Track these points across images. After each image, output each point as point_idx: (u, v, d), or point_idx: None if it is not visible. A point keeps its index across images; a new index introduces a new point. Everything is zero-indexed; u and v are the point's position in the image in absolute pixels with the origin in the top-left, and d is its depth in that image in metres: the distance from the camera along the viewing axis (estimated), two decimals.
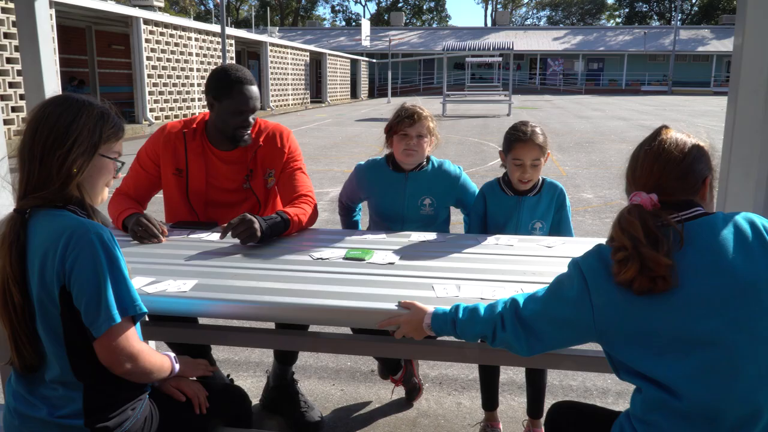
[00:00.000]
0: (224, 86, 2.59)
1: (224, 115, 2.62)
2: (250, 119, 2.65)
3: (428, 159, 2.82)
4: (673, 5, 67.36)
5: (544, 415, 2.72)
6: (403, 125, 2.67)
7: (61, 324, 1.51)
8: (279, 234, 2.48)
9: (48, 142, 1.53)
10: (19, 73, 12.83)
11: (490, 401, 2.73)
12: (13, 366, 1.60)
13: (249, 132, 2.67)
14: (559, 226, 2.69)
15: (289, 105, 30.86)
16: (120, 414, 1.58)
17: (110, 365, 1.51)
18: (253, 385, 3.19)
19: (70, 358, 1.52)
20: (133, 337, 1.53)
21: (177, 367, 1.74)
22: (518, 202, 2.65)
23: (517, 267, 2.16)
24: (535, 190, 2.66)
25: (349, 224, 3.07)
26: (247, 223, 2.31)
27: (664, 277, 1.32)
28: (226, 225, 2.34)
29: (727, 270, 1.33)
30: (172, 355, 1.74)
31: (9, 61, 12.90)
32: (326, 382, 3.27)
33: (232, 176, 2.75)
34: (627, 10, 75.91)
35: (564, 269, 2.09)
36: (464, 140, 15.20)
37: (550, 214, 2.68)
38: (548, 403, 2.90)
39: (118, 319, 1.48)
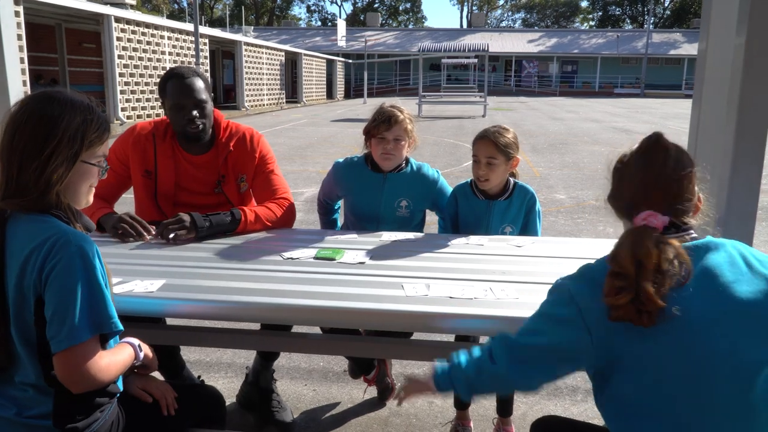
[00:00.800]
0: (162, 86, 2.60)
1: (170, 115, 2.62)
2: (194, 113, 2.57)
3: (407, 161, 2.83)
4: (645, 9, 68.39)
5: (513, 413, 2.75)
6: (380, 129, 2.67)
7: (35, 331, 1.47)
8: (229, 230, 2.52)
9: (26, 150, 1.47)
10: None
11: (461, 400, 2.74)
12: None
13: (200, 125, 2.60)
14: (526, 228, 2.72)
15: (264, 105, 30.69)
16: (89, 416, 1.56)
17: (67, 383, 1.44)
18: (225, 386, 3.16)
19: (43, 365, 1.48)
20: (97, 357, 1.44)
21: (141, 354, 1.68)
22: (489, 206, 2.68)
23: (486, 266, 2.18)
24: (506, 194, 2.68)
25: (328, 223, 3.05)
26: (178, 220, 2.41)
27: (650, 314, 1.27)
28: (160, 224, 2.42)
29: (726, 296, 1.30)
30: (136, 342, 1.66)
31: None
32: (298, 383, 3.26)
33: (203, 180, 2.73)
34: (600, 13, 76.92)
35: (533, 267, 2.12)
36: (440, 141, 15.25)
37: (520, 217, 2.71)
38: (518, 402, 2.94)
39: (84, 338, 1.41)
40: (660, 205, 1.36)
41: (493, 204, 2.67)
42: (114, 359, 1.52)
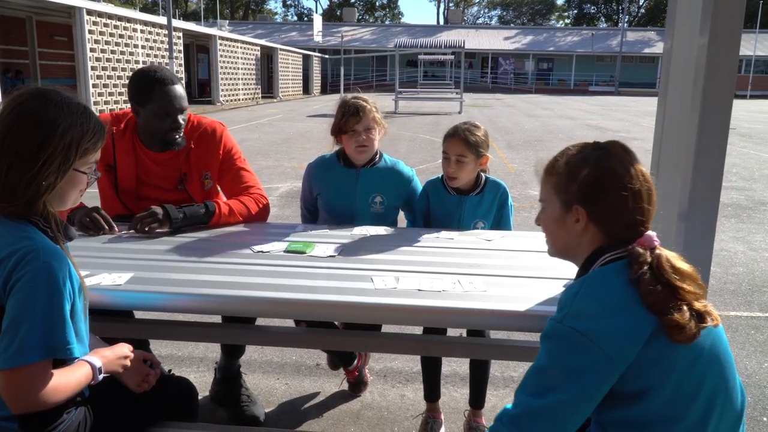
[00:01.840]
0: (145, 90, 2.49)
1: (151, 120, 2.52)
2: (180, 120, 2.55)
3: (381, 156, 2.82)
4: (620, 7, 69.16)
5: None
6: (351, 123, 2.65)
7: None
8: (202, 222, 2.51)
9: (19, 153, 1.42)
10: None
11: (432, 392, 2.77)
12: None
13: (181, 134, 2.59)
14: (499, 224, 2.74)
15: (239, 100, 30.45)
16: (55, 419, 1.54)
17: (8, 403, 1.39)
18: (197, 381, 3.12)
19: None
20: (43, 380, 1.38)
21: (100, 377, 1.58)
22: (460, 201, 2.68)
23: (456, 260, 2.20)
24: (477, 189, 2.70)
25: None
26: (151, 213, 2.40)
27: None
28: (134, 218, 2.40)
29: None
30: (98, 364, 1.55)
31: None
32: (270, 377, 3.26)
33: (165, 176, 2.69)
34: (576, 11, 77.64)
35: (502, 261, 2.14)
36: (416, 137, 15.29)
37: (492, 212, 2.72)
38: (490, 393, 2.97)
39: (33, 359, 1.36)
40: (637, 223, 1.41)
41: (464, 199, 2.68)
42: (65, 380, 1.45)
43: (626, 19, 59.82)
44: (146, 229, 2.38)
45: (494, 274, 2.04)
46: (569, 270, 2.10)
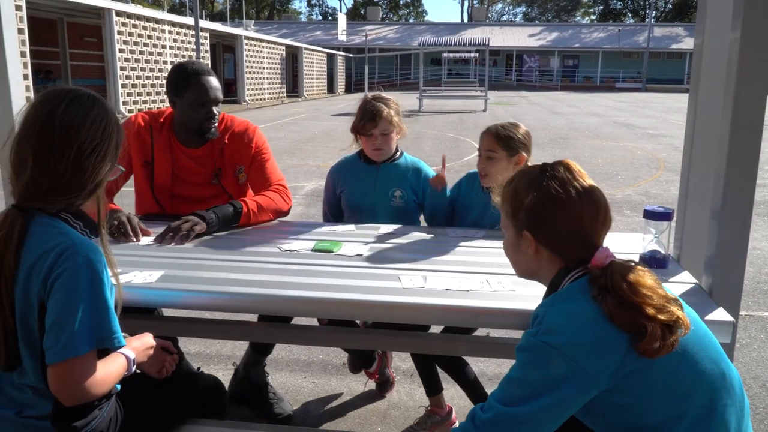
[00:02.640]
0: (182, 80, 2.58)
1: (187, 110, 2.61)
2: (214, 110, 2.63)
3: (401, 153, 2.86)
4: (647, 3, 68.18)
5: None
6: (367, 127, 2.71)
7: (39, 337, 1.45)
8: (233, 221, 2.52)
9: (84, 147, 1.46)
10: None
11: (432, 387, 2.74)
12: None
13: (215, 124, 2.67)
14: None
15: (265, 99, 30.66)
16: (87, 415, 1.56)
17: (59, 396, 1.42)
18: (224, 379, 3.16)
19: (44, 371, 1.46)
20: (92, 371, 1.42)
21: (133, 368, 1.61)
22: (489, 202, 2.65)
23: (484, 259, 2.19)
24: None
25: None
26: (186, 219, 2.38)
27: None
28: (164, 230, 2.36)
29: None
30: (132, 356, 1.59)
31: None
32: (298, 375, 3.28)
33: (199, 172, 2.76)
34: (602, 7, 76.72)
35: None
36: (440, 135, 15.24)
37: None
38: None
39: (82, 351, 1.38)
40: (594, 237, 1.43)
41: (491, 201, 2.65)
42: (108, 371, 1.48)
43: (653, 15, 58.93)
44: (184, 233, 2.35)
45: None
46: None
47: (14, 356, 1.49)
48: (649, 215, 2.13)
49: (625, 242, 2.44)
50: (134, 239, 2.35)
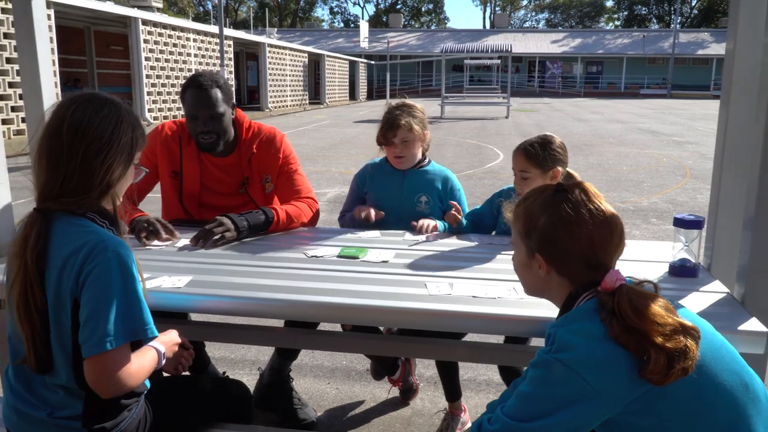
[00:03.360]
0: (182, 92, 2.61)
1: (186, 122, 2.65)
2: (206, 123, 2.57)
3: (429, 161, 2.88)
4: (672, 8, 67.49)
5: None
6: (388, 137, 2.75)
7: (70, 336, 1.48)
8: (262, 228, 2.52)
9: (92, 147, 1.48)
10: (18, 73, 12.81)
11: (452, 393, 2.76)
12: (12, 365, 1.59)
13: (212, 137, 2.60)
14: None
15: (287, 106, 30.87)
16: (116, 416, 1.58)
17: (96, 389, 1.44)
18: (249, 383, 3.17)
19: (75, 370, 1.50)
20: (127, 363, 1.45)
21: (163, 362, 1.65)
22: None
23: (511, 266, 2.16)
24: None
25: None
26: (220, 223, 2.39)
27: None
28: (198, 231, 2.37)
29: None
30: (162, 349, 1.63)
31: (9, 61, 12.92)
32: (322, 381, 3.28)
33: (227, 182, 2.77)
34: (626, 13, 76.12)
35: None
36: (462, 142, 15.21)
37: None
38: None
39: (117, 344, 1.41)
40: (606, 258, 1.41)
41: None
42: (142, 363, 1.51)
43: (679, 20, 58.30)
44: (216, 237, 2.36)
45: None
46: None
47: (44, 359, 1.51)
48: (680, 223, 2.10)
49: (654, 251, 2.41)
50: (166, 238, 2.39)
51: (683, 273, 2.09)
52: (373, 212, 2.70)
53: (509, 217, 1.56)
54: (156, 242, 2.38)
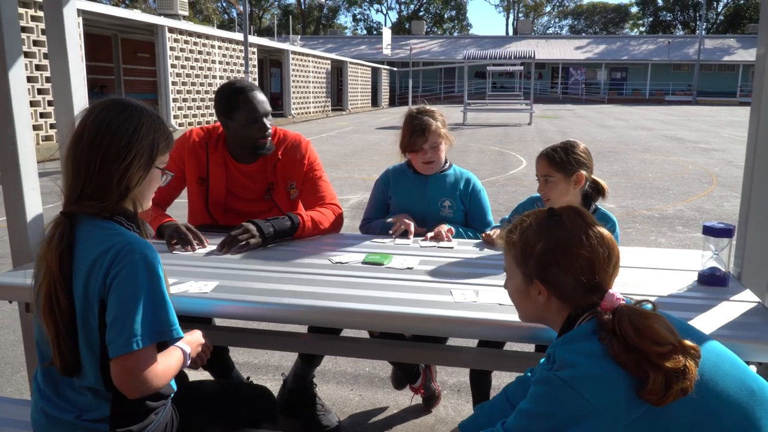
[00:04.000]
0: (231, 102, 2.61)
1: (241, 129, 2.64)
2: (267, 124, 2.65)
3: (450, 164, 2.88)
4: (697, 14, 66.69)
5: None
6: (418, 143, 2.73)
7: (98, 337, 1.49)
8: (288, 234, 2.53)
9: (110, 152, 1.50)
10: (47, 80, 13.07)
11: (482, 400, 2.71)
12: (41, 367, 1.61)
13: (270, 139, 2.69)
14: None
15: (310, 113, 31.05)
16: (144, 419, 1.59)
17: (123, 389, 1.45)
18: (273, 389, 3.19)
19: (103, 371, 1.51)
20: (153, 363, 1.46)
21: (188, 362, 1.66)
22: None
23: None
24: None
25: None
26: (245, 230, 2.40)
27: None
28: (225, 238, 2.39)
29: None
30: (188, 350, 1.63)
31: (38, 68, 13.16)
32: (345, 387, 3.28)
33: (252, 188, 2.80)
34: (651, 19, 75.37)
35: None
36: (485, 149, 15.16)
37: None
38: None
39: (144, 344, 1.43)
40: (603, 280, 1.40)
41: None
42: (168, 364, 1.53)
43: (704, 26, 57.58)
44: (241, 243, 2.39)
45: None
46: (649, 286, 2.03)
47: (71, 361, 1.53)
48: (709, 231, 2.07)
49: (683, 259, 2.38)
50: (196, 246, 2.41)
51: (713, 282, 2.06)
52: (413, 227, 2.69)
53: (500, 244, 1.55)
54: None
